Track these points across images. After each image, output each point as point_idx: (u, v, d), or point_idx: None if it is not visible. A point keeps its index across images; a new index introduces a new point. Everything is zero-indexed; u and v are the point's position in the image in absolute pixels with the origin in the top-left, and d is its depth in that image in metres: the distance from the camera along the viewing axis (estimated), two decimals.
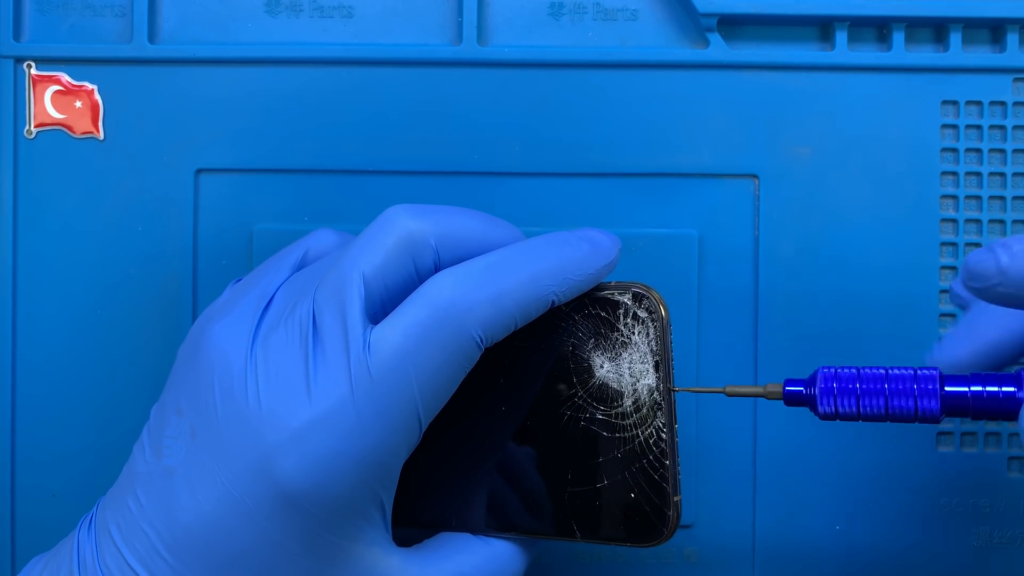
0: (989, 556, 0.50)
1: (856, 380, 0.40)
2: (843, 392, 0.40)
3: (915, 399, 0.40)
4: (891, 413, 0.40)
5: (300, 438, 0.38)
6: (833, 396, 0.40)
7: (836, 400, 0.40)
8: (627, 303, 0.41)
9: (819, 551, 0.50)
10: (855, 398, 0.40)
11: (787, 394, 0.41)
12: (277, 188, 0.51)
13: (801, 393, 0.41)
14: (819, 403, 0.40)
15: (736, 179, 0.51)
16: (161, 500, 0.40)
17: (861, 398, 0.40)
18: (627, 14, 0.51)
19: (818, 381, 0.41)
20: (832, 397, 0.40)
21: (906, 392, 0.40)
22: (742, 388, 0.42)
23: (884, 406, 0.40)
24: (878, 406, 0.40)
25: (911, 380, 0.40)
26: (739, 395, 0.42)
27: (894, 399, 0.40)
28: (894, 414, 0.40)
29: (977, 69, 0.50)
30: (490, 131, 0.51)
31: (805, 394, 0.41)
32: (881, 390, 0.40)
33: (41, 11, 0.51)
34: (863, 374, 0.40)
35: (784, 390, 0.41)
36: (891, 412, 0.40)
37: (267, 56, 0.51)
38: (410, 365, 0.38)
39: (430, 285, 0.39)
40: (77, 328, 0.51)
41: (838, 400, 0.40)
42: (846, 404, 0.40)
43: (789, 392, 0.41)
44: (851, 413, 0.40)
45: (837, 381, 0.40)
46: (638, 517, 0.41)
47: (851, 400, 0.40)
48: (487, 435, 0.43)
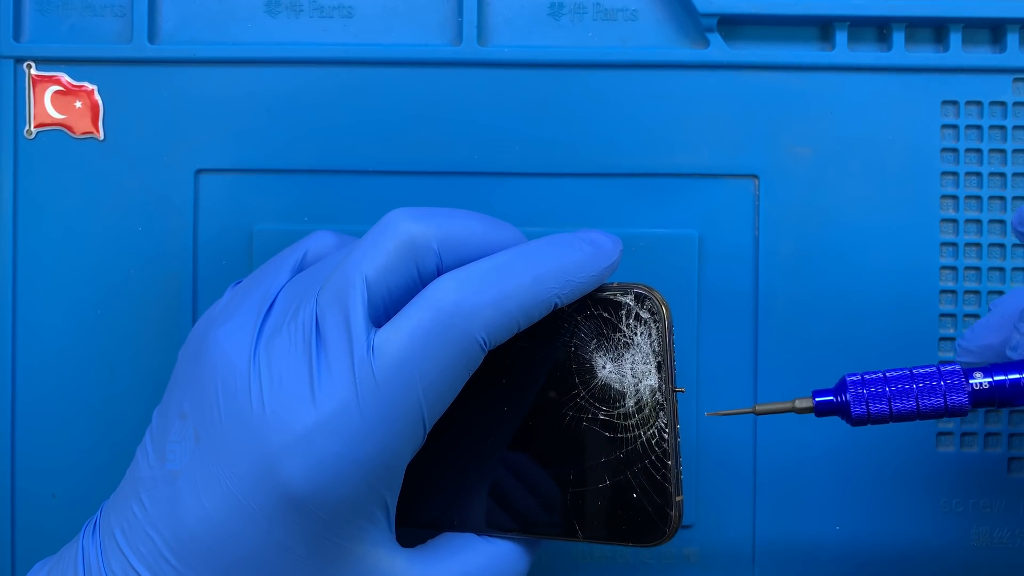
0: (989, 556, 0.50)
1: (884, 383, 0.41)
2: (874, 396, 0.41)
3: (944, 395, 0.41)
4: (922, 411, 0.41)
5: (305, 441, 0.38)
6: (865, 401, 0.41)
7: (868, 404, 0.41)
8: (629, 304, 0.41)
9: (819, 551, 0.50)
10: (886, 400, 0.41)
11: (818, 404, 0.42)
12: (277, 188, 0.51)
13: (832, 402, 0.42)
14: (852, 409, 0.41)
15: (736, 179, 0.51)
16: (166, 504, 0.40)
17: (892, 400, 0.41)
18: (627, 14, 0.51)
19: (848, 388, 0.41)
20: (864, 402, 0.41)
21: (934, 389, 0.41)
22: (771, 406, 0.42)
23: (916, 405, 0.41)
24: (909, 406, 0.41)
25: (937, 377, 0.41)
26: (769, 412, 0.42)
27: (924, 397, 0.41)
28: (925, 411, 0.41)
29: (977, 69, 0.50)
30: (490, 131, 0.51)
31: (837, 402, 0.42)
32: (910, 390, 0.41)
33: (41, 11, 0.51)
34: (889, 377, 0.41)
35: (815, 401, 0.42)
36: (922, 410, 0.41)
37: (267, 56, 0.51)
38: (414, 368, 0.38)
39: (433, 288, 0.39)
40: (77, 328, 0.51)
41: (870, 404, 0.41)
42: (878, 407, 0.41)
43: (820, 403, 0.42)
44: (883, 415, 0.41)
45: (865, 386, 0.41)
46: (640, 517, 0.41)
47: (883, 403, 0.41)
48: (490, 436, 0.43)
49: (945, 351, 0.50)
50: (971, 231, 0.50)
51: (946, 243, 0.50)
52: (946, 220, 0.50)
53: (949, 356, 0.50)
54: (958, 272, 0.50)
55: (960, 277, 0.50)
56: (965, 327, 0.50)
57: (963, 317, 0.50)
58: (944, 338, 0.50)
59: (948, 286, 0.50)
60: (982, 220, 0.50)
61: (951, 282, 0.50)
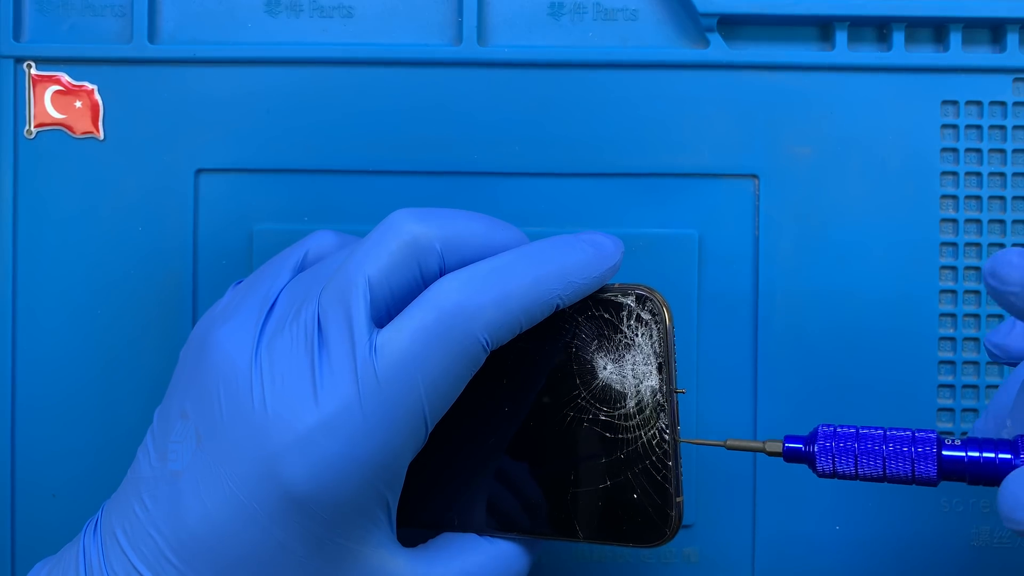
0: (989, 556, 0.50)
1: (855, 439, 0.40)
2: (841, 452, 0.40)
3: (912, 463, 0.40)
4: (888, 475, 0.40)
5: (306, 441, 0.38)
6: (832, 456, 0.40)
7: (835, 460, 0.40)
8: (630, 305, 0.41)
9: (819, 551, 0.50)
10: (853, 459, 0.40)
11: (787, 451, 0.41)
12: (277, 188, 0.51)
13: (800, 450, 0.41)
14: (817, 462, 0.41)
15: (736, 179, 0.51)
16: (167, 504, 0.40)
17: (859, 459, 0.40)
18: (627, 14, 0.51)
19: (817, 439, 0.41)
20: (831, 457, 0.40)
21: (903, 456, 0.40)
22: (742, 443, 0.42)
23: (882, 468, 0.40)
24: (876, 468, 0.40)
25: (909, 442, 0.40)
26: (739, 449, 0.42)
27: (891, 462, 0.40)
28: (891, 476, 0.40)
29: (977, 69, 0.51)
30: (490, 131, 0.51)
31: (804, 451, 0.41)
32: (879, 451, 0.40)
33: (41, 11, 0.51)
34: (862, 434, 0.40)
35: (784, 447, 0.41)
36: (888, 474, 0.40)
37: (267, 56, 0.51)
38: (416, 368, 0.38)
39: (436, 289, 0.39)
40: (77, 328, 0.51)
41: (836, 461, 0.40)
42: (844, 465, 0.40)
43: (789, 449, 0.41)
44: (849, 473, 0.40)
45: (835, 440, 0.40)
46: (640, 518, 0.41)
47: (849, 461, 0.40)
48: (491, 436, 0.43)
49: (945, 351, 0.50)
50: (971, 231, 0.50)
51: (946, 243, 0.50)
52: (946, 220, 0.51)
53: (948, 356, 0.50)
54: (958, 272, 0.50)
55: (960, 277, 0.50)
56: (965, 327, 0.50)
57: (963, 317, 0.50)
58: (944, 338, 0.50)
59: (948, 286, 0.50)
60: (982, 220, 0.50)
61: (951, 282, 0.50)
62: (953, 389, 0.50)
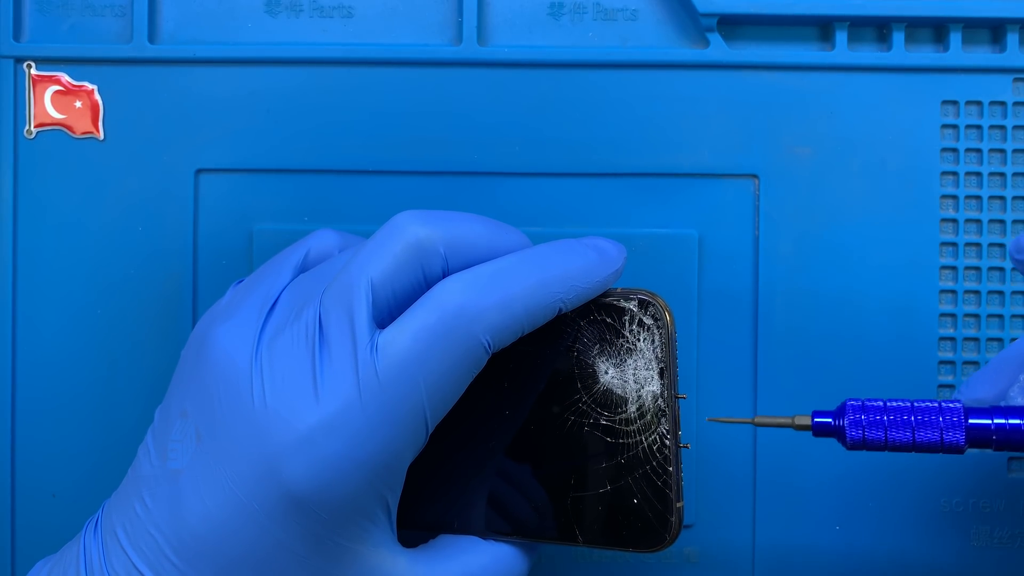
0: (989, 556, 0.50)
1: (883, 412, 0.41)
2: (871, 424, 0.41)
3: (941, 431, 0.41)
4: (917, 444, 0.41)
5: (307, 441, 0.38)
6: (862, 428, 0.41)
7: (865, 431, 0.41)
8: (633, 310, 0.41)
9: (819, 551, 0.50)
10: (883, 430, 0.41)
11: (816, 425, 0.42)
12: (277, 188, 0.51)
13: (829, 424, 0.42)
14: (847, 434, 0.41)
15: (736, 179, 0.51)
16: (167, 503, 0.40)
17: (888, 429, 0.41)
18: (627, 14, 0.51)
19: (847, 413, 0.42)
20: (861, 429, 0.41)
21: (932, 424, 0.41)
22: (771, 419, 0.43)
23: (911, 438, 0.41)
24: (905, 437, 0.41)
25: (936, 412, 0.41)
26: (767, 425, 0.43)
27: (920, 431, 0.41)
28: (920, 445, 0.41)
29: (977, 69, 0.50)
30: (490, 131, 0.51)
31: (833, 425, 0.42)
32: (908, 422, 0.41)
33: (41, 11, 0.51)
34: (890, 406, 0.41)
35: (813, 421, 0.42)
36: (917, 443, 0.41)
37: (267, 56, 0.51)
38: (418, 369, 0.38)
39: (439, 290, 0.39)
40: (77, 328, 0.51)
41: (867, 431, 0.41)
42: (874, 434, 0.41)
43: (818, 423, 0.42)
44: (879, 443, 0.41)
45: (864, 413, 0.41)
46: (640, 523, 0.42)
47: (879, 431, 0.41)
48: (491, 438, 0.43)
49: (945, 351, 0.50)
50: (971, 231, 0.50)
51: (946, 243, 0.50)
52: (946, 220, 0.51)
53: (949, 356, 0.50)
54: (958, 272, 0.50)
55: (960, 277, 0.50)
56: (965, 327, 0.50)
57: (963, 317, 0.50)
58: (944, 338, 0.50)
59: (948, 286, 0.50)
60: (982, 220, 0.50)
61: (951, 282, 0.50)
62: (953, 389, 0.50)
